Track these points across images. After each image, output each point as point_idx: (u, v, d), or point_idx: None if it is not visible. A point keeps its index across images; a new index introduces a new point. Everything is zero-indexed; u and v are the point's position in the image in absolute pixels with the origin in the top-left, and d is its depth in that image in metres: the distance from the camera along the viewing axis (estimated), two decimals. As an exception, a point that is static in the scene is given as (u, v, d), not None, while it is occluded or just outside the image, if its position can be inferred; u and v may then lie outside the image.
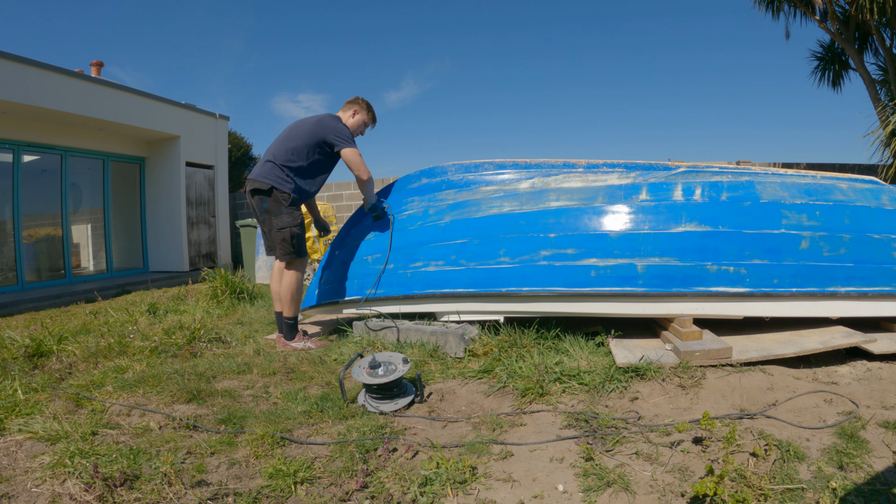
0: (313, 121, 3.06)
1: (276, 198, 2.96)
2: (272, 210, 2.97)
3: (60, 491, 1.52)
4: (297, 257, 3.04)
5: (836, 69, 9.09)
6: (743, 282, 2.42)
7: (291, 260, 3.04)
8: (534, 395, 2.11)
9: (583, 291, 2.55)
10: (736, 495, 1.25)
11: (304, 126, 3.05)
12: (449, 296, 2.85)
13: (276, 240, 3.00)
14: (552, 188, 2.80)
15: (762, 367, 2.26)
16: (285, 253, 3.01)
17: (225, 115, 9.80)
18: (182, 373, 2.55)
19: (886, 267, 2.42)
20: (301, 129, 3.04)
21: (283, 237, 2.98)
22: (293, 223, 2.99)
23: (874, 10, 6.72)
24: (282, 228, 2.97)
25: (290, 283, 3.04)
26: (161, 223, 8.88)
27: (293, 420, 1.97)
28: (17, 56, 6.11)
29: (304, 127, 3.04)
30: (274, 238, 3.00)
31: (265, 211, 2.99)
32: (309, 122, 3.06)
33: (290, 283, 3.04)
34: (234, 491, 1.50)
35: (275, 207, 2.96)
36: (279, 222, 2.97)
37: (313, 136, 3.01)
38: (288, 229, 2.97)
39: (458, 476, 1.49)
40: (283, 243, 2.99)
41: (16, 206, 6.87)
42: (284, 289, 3.04)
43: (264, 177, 2.95)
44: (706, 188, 2.52)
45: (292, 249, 3.00)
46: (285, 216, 2.98)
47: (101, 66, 8.85)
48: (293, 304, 3.05)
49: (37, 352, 2.97)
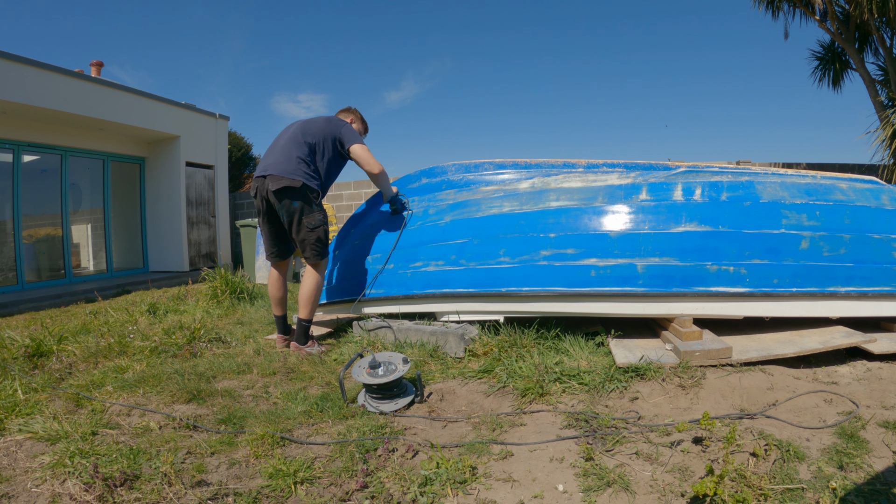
0: (322, 119, 3.03)
1: (307, 196, 2.84)
2: (303, 209, 2.83)
3: (60, 491, 1.52)
4: (326, 257, 2.98)
5: (836, 69, 9.09)
6: (743, 282, 2.42)
7: (320, 261, 2.95)
8: (534, 395, 2.11)
9: (583, 291, 2.54)
10: (736, 495, 1.25)
11: (315, 124, 3.00)
12: (449, 296, 2.85)
13: (308, 239, 2.87)
14: (552, 188, 2.80)
15: (762, 367, 2.26)
16: (317, 252, 2.90)
17: (225, 115, 9.81)
18: (182, 373, 2.55)
19: (886, 267, 2.42)
20: (314, 126, 2.97)
21: (317, 236, 2.87)
22: (325, 221, 2.92)
23: (874, 10, 6.72)
24: (315, 227, 2.86)
25: (314, 284, 2.93)
26: (161, 223, 8.88)
27: (293, 420, 1.97)
28: (17, 56, 6.11)
29: (315, 124, 2.99)
30: (305, 238, 2.87)
31: (294, 211, 2.83)
32: (319, 121, 3.02)
33: (312, 284, 2.93)
34: (234, 491, 1.50)
35: (306, 206, 2.84)
36: (312, 221, 2.85)
37: (329, 133, 2.96)
38: (321, 227, 2.89)
39: (458, 476, 1.49)
40: (317, 242, 2.88)
41: (16, 206, 6.88)
42: (306, 290, 2.92)
43: (292, 173, 2.79)
44: (706, 188, 2.52)
45: (324, 247, 2.93)
46: (318, 213, 2.87)
47: (101, 66, 8.85)
48: (312, 306, 2.95)
49: (37, 352, 2.97)
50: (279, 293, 3.12)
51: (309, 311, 2.95)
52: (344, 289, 3.29)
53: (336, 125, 3.00)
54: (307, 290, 2.94)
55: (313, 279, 2.95)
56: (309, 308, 2.95)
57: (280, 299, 3.12)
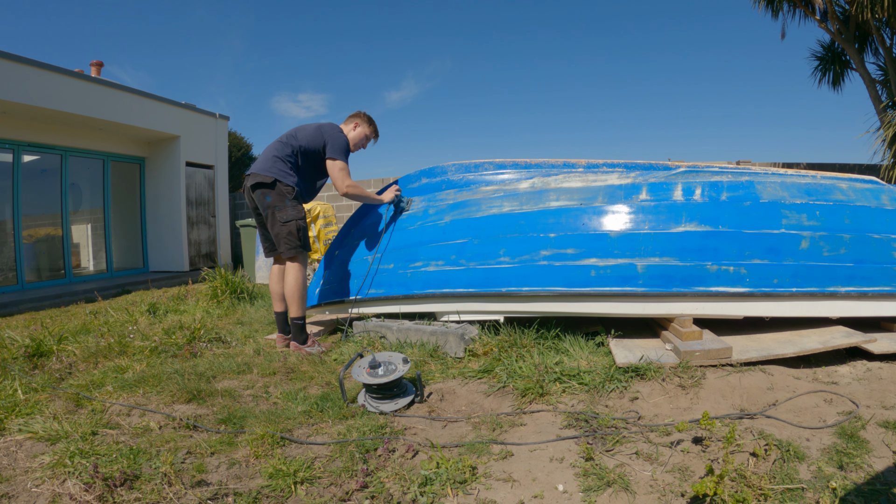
0: (314, 126, 3.10)
1: (279, 191, 2.92)
2: (276, 204, 2.93)
3: (60, 491, 1.52)
4: (302, 251, 2.99)
5: (836, 69, 9.09)
6: (743, 282, 2.42)
7: (296, 254, 2.97)
8: (534, 395, 2.11)
9: (583, 291, 2.54)
10: (736, 495, 1.25)
11: (306, 129, 3.09)
12: (449, 296, 2.85)
13: (280, 233, 2.93)
14: (552, 188, 2.80)
15: (762, 367, 2.26)
16: (291, 247, 2.94)
17: (225, 115, 9.80)
18: (182, 373, 2.55)
19: (886, 267, 2.42)
20: (303, 132, 3.07)
21: (288, 230, 2.93)
22: (298, 216, 2.96)
23: (874, 10, 6.72)
24: (287, 221, 2.93)
25: (297, 278, 2.96)
26: (161, 223, 8.88)
27: (293, 420, 1.97)
28: (17, 56, 6.10)
29: (306, 130, 3.08)
30: (279, 232, 2.94)
31: (268, 206, 2.94)
32: (311, 127, 3.10)
33: (295, 278, 2.96)
34: (234, 491, 1.50)
35: (278, 201, 2.93)
36: (284, 215, 2.92)
37: (313, 140, 3.04)
38: (294, 222, 2.94)
39: (458, 476, 1.49)
40: (288, 236, 2.93)
41: (16, 206, 6.88)
42: (290, 286, 2.96)
43: (266, 170, 2.93)
44: (706, 188, 2.52)
45: (298, 242, 2.96)
46: (290, 209, 2.94)
47: (100, 65, 8.85)
48: (300, 301, 2.97)
49: (37, 352, 2.97)
50: (278, 288, 3.14)
51: (298, 308, 2.97)
52: (344, 289, 3.29)
53: (324, 134, 3.06)
54: (290, 287, 2.97)
55: (292, 274, 2.97)
56: (297, 304, 2.97)
57: (280, 294, 3.13)
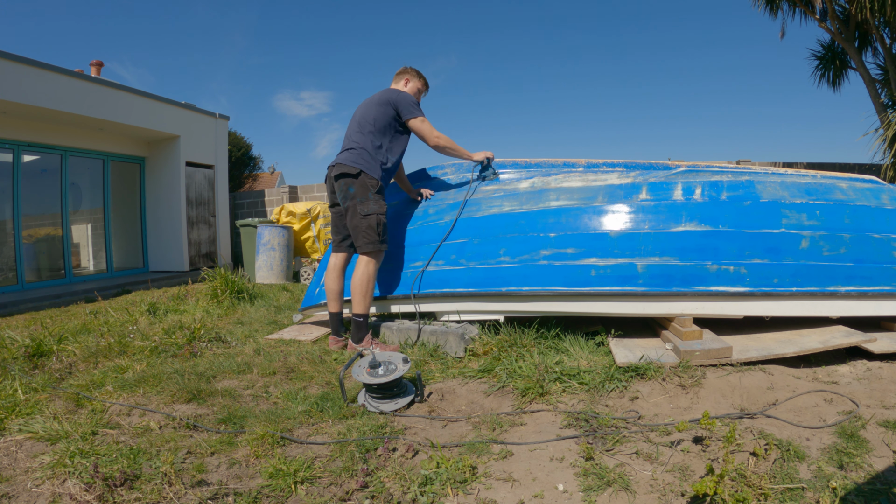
0: (374, 103, 2.99)
1: (363, 182, 2.85)
2: (358, 195, 2.85)
3: (60, 491, 1.52)
4: (380, 246, 2.87)
5: (836, 69, 9.08)
6: (743, 281, 2.42)
7: (373, 249, 2.85)
8: (534, 394, 2.11)
9: (583, 291, 2.54)
10: (736, 495, 1.25)
11: (371, 112, 2.97)
12: (449, 295, 2.85)
13: (360, 226, 2.84)
14: (552, 188, 2.80)
15: (762, 367, 2.26)
16: (369, 241, 2.84)
17: (225, 115, 9.81)
18: (182, 373, 2.55)
19: (886, 266, 2.42)
20: (371, 115, 2.96)
21: (368, 223, 2.83)
22: (380, 210, 2.87)
23: (874, 9, 6.72)
24: (367, 214, 2.83)
25: (368, 273, 2.84)
26: (161, 223, 8.88)
27: (293, 420, 1.97)
28: (16, 56, 6.10)
29: (371, 112, 2.97)
30: (358, 224, 2.85)
31: (350, 196, 2.86)
32: (372, 108, 2.98)
33: (367, 272, 2.84)
34: (234, 491, 1.50)
35: (361, 193, 2.85)
36: (365, 208, 2.83)
37: (384, 115, 2.95)
38: (374, 216, 2.84)
39: (458, 476, 1.49)
40: (368, 230, 2.83)
41: (16, 206, 6.88)
42: (359, 279, 2.83)
43: (353, 161, 2.86)
44: (706, 188, 2.52)
45: (377, 237, 2.85)
46: (372, 202, 2.85)
47: (100, 65, 8.86)
48: (367, 297, 2.85)
49: (37, 352, 2.97)
50: (335, 286, 3.02)
51: (362, 304, 2.85)
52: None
53: (391, 101, 2.96)
54: (358, 280, 2.84)
55: (364, 268, 2.85)
56: (362, 300, 2.85)
57: (336, 293, 3.02)
